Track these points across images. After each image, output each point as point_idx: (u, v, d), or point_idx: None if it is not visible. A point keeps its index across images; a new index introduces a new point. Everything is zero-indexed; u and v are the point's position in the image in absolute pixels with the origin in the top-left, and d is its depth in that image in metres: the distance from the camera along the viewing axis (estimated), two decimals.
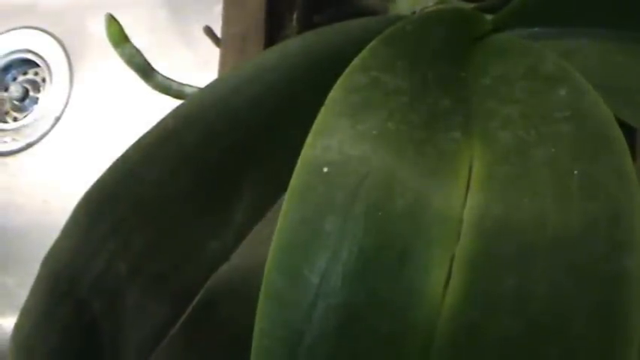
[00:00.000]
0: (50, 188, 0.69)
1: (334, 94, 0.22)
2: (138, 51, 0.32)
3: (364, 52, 0.24)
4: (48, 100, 0.72)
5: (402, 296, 0.19)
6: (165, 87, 0.33)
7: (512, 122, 0.24)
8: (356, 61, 0.24)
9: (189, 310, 0.24)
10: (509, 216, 0.20)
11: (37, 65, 0.74)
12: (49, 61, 0.73)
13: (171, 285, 0.24)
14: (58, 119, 0.71)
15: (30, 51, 0.74)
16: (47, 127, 0.71)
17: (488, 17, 0.32)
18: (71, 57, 0.73)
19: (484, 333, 0.19)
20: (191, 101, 0.26)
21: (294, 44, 0.29)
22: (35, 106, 0.72)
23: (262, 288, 0.20)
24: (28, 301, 0.25)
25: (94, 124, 0.70)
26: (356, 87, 0.23)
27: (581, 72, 0.26)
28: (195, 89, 0.34)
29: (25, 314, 0.25)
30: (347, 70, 0.23)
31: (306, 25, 0.39)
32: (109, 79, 0.70)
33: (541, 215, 0.20)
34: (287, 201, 0.20)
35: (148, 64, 0.32)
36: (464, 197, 0.21)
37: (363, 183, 0.20)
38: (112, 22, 0.30)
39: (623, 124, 0.24)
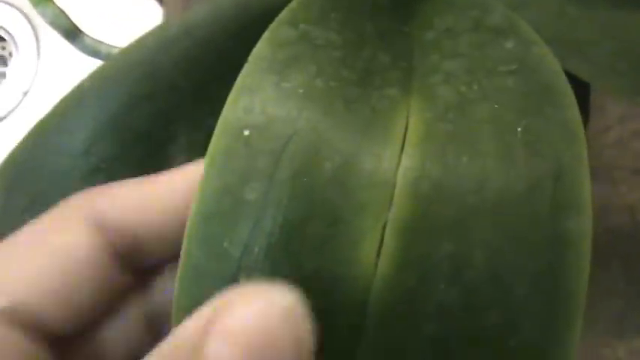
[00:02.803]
0: None
1: (258, 49, 0.21)
2: (62, 11, 0.29)
3: (293, 3, 0.22)
4: (15, 74, 0.70)
5: (330, 268, 0.18)
6: (94, 50, 0.31)
7: (455, 77, 0.22)
8: (284, 12, 0.22)
9: None
10: (446, 177, 0.18)
11: (4, 39, 0.71)
12: (15, 35, 0.71)
13: None
14: (25, 93, 0.69)
15: None
16: (16, 102, 0.69)
17: None
18: (37, 30, 0.70)
19: (419, 301, 0.17)
20: (112, 62, 0.24)
21: None
22: (3, 81, 0.70)
23: (180, 262, 0.18)
24: None
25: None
26: (283, 41, 0.21)
27: (533, 25, 0.24)
28: None
29: None
30: (273, 23, 0.21)
31: None
32: (76, 52, 0.67)
33: (481, 175, 0.18)
34: (205, 168, 0.19)
35: (74, 26, 0.30)
36: (398, 158, 0.19)
37: (287, 146, 0.19)
38: None
39: (576, 79, 0.23)
